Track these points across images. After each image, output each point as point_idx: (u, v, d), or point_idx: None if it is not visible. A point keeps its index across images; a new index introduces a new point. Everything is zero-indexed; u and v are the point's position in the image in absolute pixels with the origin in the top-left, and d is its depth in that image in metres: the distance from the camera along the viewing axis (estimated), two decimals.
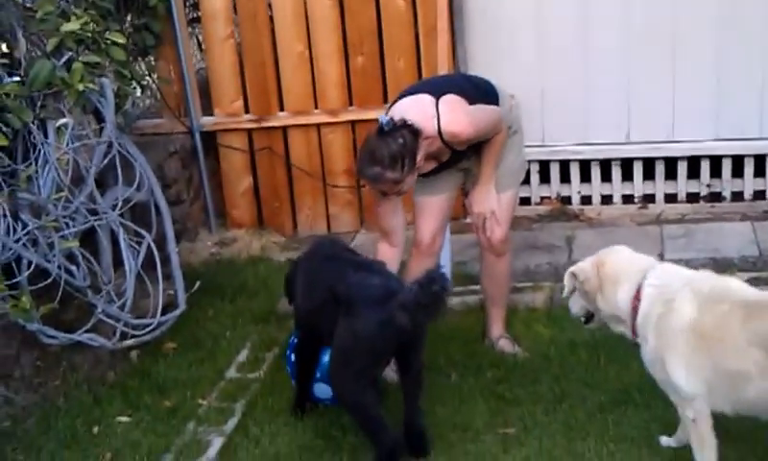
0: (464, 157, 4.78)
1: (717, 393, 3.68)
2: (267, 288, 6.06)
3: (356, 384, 4.04)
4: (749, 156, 6.62)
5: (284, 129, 6.85)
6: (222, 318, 5.73)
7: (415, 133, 4.40)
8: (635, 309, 3.87)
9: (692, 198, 6.79)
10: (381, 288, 4.04)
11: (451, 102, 4.62)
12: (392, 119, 4.36)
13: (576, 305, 4.20)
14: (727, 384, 3.64)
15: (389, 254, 4.75)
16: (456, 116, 4.57)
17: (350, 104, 6.74)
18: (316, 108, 6.77)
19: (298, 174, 6.93)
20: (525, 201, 6.97)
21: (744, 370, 3.57)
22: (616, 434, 4.26)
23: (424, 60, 6.51)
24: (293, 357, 4.63)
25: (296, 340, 4.63)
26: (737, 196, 6.74)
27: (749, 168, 6.66)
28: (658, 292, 3.83)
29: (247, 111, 6.87)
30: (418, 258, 4.90)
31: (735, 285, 3.81)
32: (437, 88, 4.69)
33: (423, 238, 4.91)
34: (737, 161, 6.67)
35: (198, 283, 5.70)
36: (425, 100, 4.62)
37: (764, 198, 6.70)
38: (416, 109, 4.54)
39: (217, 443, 4.48)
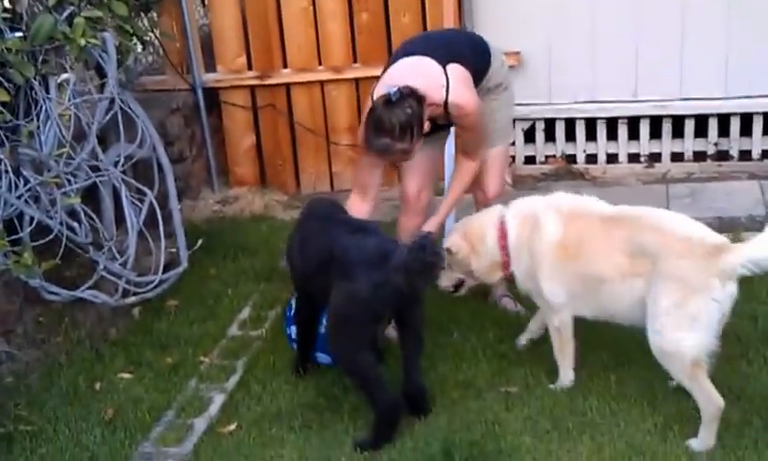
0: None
1: (580, 299, 4.24)
2: (269, 247, 6.09)
3: (353, 346, 4.06)
4: (758, 113, 6.62)
5: (287, 86, 6.85)
6: (224, 276, 5.76)
7: (420, 99, 4.39)
8: (503, 247, 4.41)
9: (699, 157, 6.80)
10: (377, 250, 4.05)
11: (461, 75, 4.63)
12: (399, 90, 4.36)
13: (445, 279, 4.57)
14: (589, 290, 4.19)
15: (360, 209, 4.78)
16: (465, 92, 4.61)
17: (355, 61, 6.74)
18: (320, 64, 6.77)
19: (301, 131, 6.93)
20: (530, 159, 6.99)
21: (606, 275, 4.09)
22: (618, 393, 4.29)
23: (429, 15, 6.50)
24: (293, 329, 4.70)
25: (293, 308, 4.68)
26: (745, 155, 6.74)
27: (757, 126, 6.67)
28: (520, 219, 4.40)
29: (250, 68, 6.87)
30: (406, 214, 4.97)
31: (592, 202, 4.35)
32: (441, 54, 4.67)
33: (409, 193, 4.93)
34: (746, 120, 6.66)
35: (200, 241, 5.72)
36: (433, 67, 4.61)
37: None
38: (423, 76, 4.53)
39: (218, 400, 4.52)
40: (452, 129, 4.99)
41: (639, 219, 4.13)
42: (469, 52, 4.80)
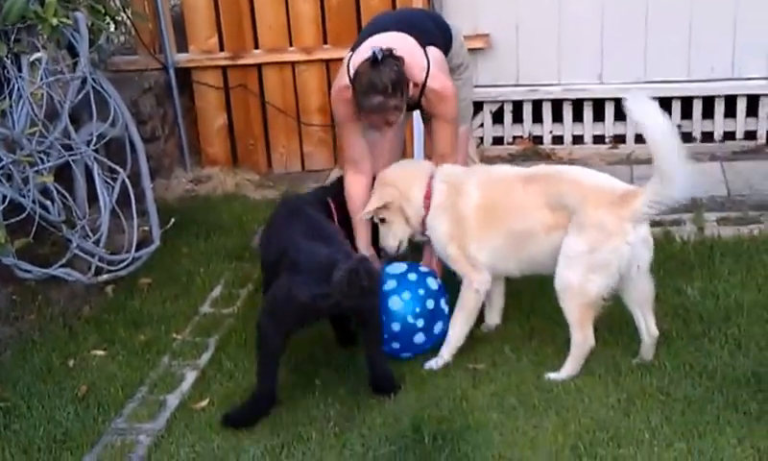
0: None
1: (508, 257, 4.42)
2: (241, 225, 6.07)
3: (275, 330, 4.08)
4: (719, 97, 6.66)
5: (259, 66, 6.81)
6: (196, 254, 5.73)
7: (403, 63, 4.39)
8: (427, 207, 4.51)
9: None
10: (326, 262, 4.00)
11: (440, 59, 4.64)
12: (382, 50, 4.33)
13: (388, 238, 4.61)
14: (517, 246, 4.37)
15: (360, 185, 4.73)
16: (443, 77, 4.61)
17: (325, 42, 6.70)
18: (290, 45, 6.73)
19: (272, 112, 6.90)
20: (498, 140, 7.00)
21: (530, 229, 4.30)
22: (584, 369, 4.30)
23: None
24: None
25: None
26: (707, 137, 6.78)
27: (719, 109, 6.70)
28: (447, 184, 4.51)
29: (221, 49, 6.82)
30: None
31: (509, 168, 4.69)
32: (417, 34, 4.64)
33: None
34: (708, 102, 6.69)
35: (172, 220, 5.68)
36: (415, 47, 4.58)
37: (734, 139, 6.75)
38: (406, 53, 4.48)
39: (191, 376, 4.50)
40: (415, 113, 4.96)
41: (557, 175, 4.43)
42: (438, 32, 4.79)
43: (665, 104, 6.64)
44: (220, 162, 7.01)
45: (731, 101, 6.67)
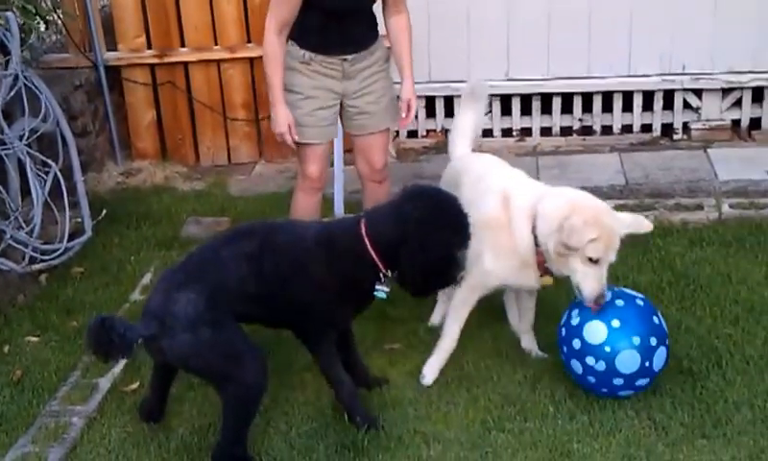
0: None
1: None
2: (170, 216, 6.00)
3: None
4: (617, 92, 6.75)
5: (185, 64, 6.73)
6: (127, 244, 5.64)
7: None
8: None
9: (566, 131, 6.91)
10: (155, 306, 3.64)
11: None
12: None
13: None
14: None
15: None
16: None
17: (249, 41, 6.65)
18: (216, 44, 6.66)
19: (199, 107, 6.82)
20: (412, 134, 7.00)
21: None
22: (493, 349, 4.34)
23: None
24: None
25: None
26: (607, 130, 6.88)
27: (617, 103, 6.80)
28: None
29: (149, 47, 6.71)
30: (306, 193, 4.76)
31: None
32: None
33: (314, 175, 4.69)
34: (607, 97, 6.79)
35: (104, 211, 5.61)
36: None
37: (631, 131, 6.85)
38: None
39: (121, 361, 4.41)
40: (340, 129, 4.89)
41: None
42: None
43: (567, 99, 6.77)
44: (149, 156, 6.91)
45: (628, 96, 6.77)
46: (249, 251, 3.67)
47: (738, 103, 6.70)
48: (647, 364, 3.78)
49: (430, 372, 4.15)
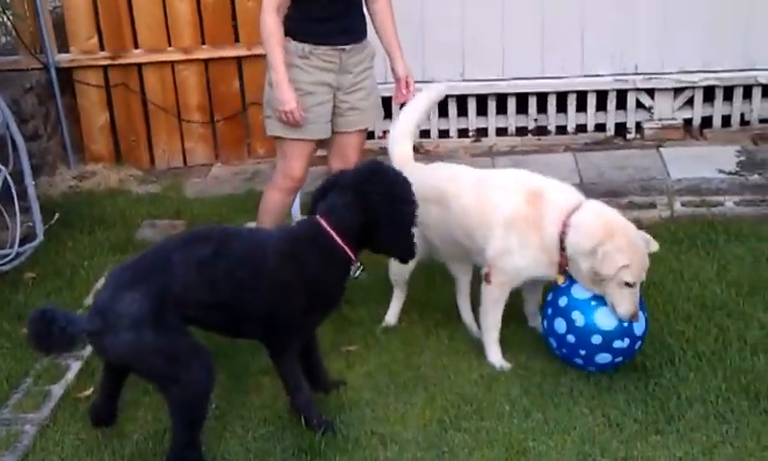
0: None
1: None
2: (125, 219, 5.95)
3: None
4: (572, 92, 6.81)
5: (139, 66, 6.68)
6: (80, 248, 5.58)
7: None
8: None
9: (521, 131, 6.95)
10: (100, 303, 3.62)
11: None
12: None
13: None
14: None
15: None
16: None
17: (203, 42, 6.62)
18: (169, 45, 6.62)
19: (153, 109, 6.78)
20: (370, 135, 6.96)
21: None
22: (449, 348, 4.36)
23: None
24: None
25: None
26: (561, 129, 6.93)
27: (571, 104, 6.85)
28: None
29: (102, 49, 6.66)
30: (283, 192, 4.80)
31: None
32: None
33: (297, 175, 4.75)
34: (561, 98, 6.84)
35: (56, 215, 5.57)
36: None
37: (585, 131, 6.92)
38: None
39: (75, 367, 4.38)
40: None
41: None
42: None
43: (522, 99, 6.81)
44: (103, 159, 6.85)
45: (582, 97, 6.83)
46: (201, 257, 3.63)
47: (690, 102, 6.79)
48: (625, 323, 3.93)
49: (497, 359, 4.21)
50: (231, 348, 4.34)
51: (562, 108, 6.88)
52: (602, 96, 6.82)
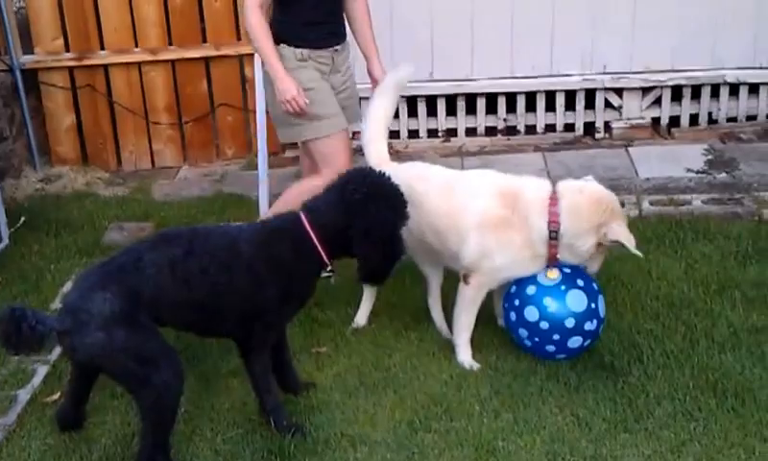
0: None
1: None
2: (92, 222, 5.93)
3: None
4: (540, 92, 6.85)
5: (105, 67, 6.65)
6: (47, 252, 5.55)
7: None
8: None
9: (490, 131, 6.99)
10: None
11: None
12: None
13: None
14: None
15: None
16: None
17: (170, 43, 6.60)
18: (136, 46, 6.60)
19: (120, 111, 6.75)
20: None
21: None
22: (419, 350, 4.38)
23: (240, 0, 6.43)
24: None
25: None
26: (530, 129, 6.97)
27: (540, 104, 6.90)
28: None
29: (67, 50, 6.62)
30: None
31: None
32: None
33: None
34: (530, 97, 6.88)
35: (22, 219, 5.53)
36: None
37: (554, 131, 6.96)
38: None
39: (42, 371, 4.35)
40: None
41: None
42: None
43: (491, 99, 6.85)
44: (70, 161, 6.82)
45: (551, 96, 6.87)
46: (173, 257, 3.64)
47: (658, 101, 6.85)
48: (593, 305, 4.07)
49: (467, 359, 4.24)
50: (201, 350, 4.35)
51: (531, 107, 6.92)
52: (571, 96, 6.87)
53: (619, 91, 6.83)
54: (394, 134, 6.94)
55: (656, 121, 6.89)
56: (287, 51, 4.59)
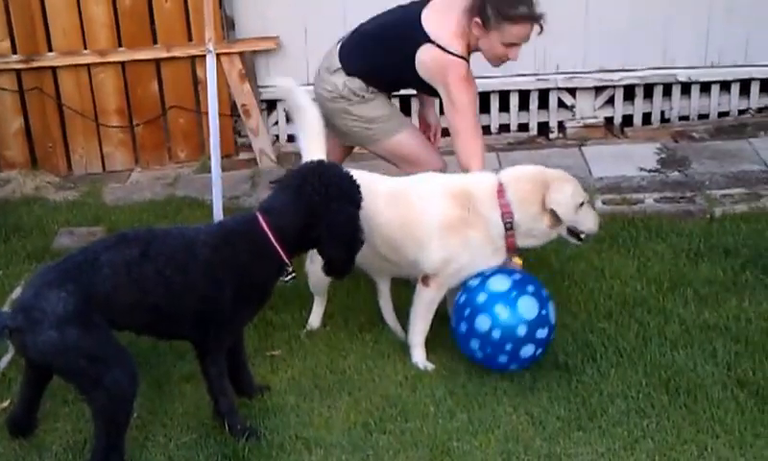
0: None
1: None
2: (41, 227, 5.88)
3: None
4: (494, 92, 6.90)
5: (54, 69, 6.59)
6: None
7: None
8: None
9: (444, 132, 6.96)
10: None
11: None
12: None
13: None
14: None
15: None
16: None
17: (120, 45, 6.57)
18: (85, 48, 6.55)
19: (70, 114, 6.70)
20: (292, 138, 7.00)
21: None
22: (374, 351, 4.40)
23: (191, 1, 6.43)
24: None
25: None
26: (485, 130, 6.96)
27: (494, 103, 6.96)
28: None
29: (14, 52, 6.56)
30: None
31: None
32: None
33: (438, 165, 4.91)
34: (484, 98, 6.92)
35: None
36: None
37: (509, 131, 7.03)
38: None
39: None
40: None
41: None
42: None
43: None
44: (18, 165, 6.75)
45: (504, 96, 6.94)
46: (130, 257, 3.63)
47: (611, 101, 6.94)
48: (543, 312, 4.05)
49: (421, 360, 4.27)
50: (153, 356, 4.34)
51: (485, 108, 6.96)
52: (524, 96, 6.93)
53: (572, 91, 6.91)
54: None
55: (609, 121, 6.98)
56: (362, 84, 4.78)
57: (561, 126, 6.97)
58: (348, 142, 5.06)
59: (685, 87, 6.94)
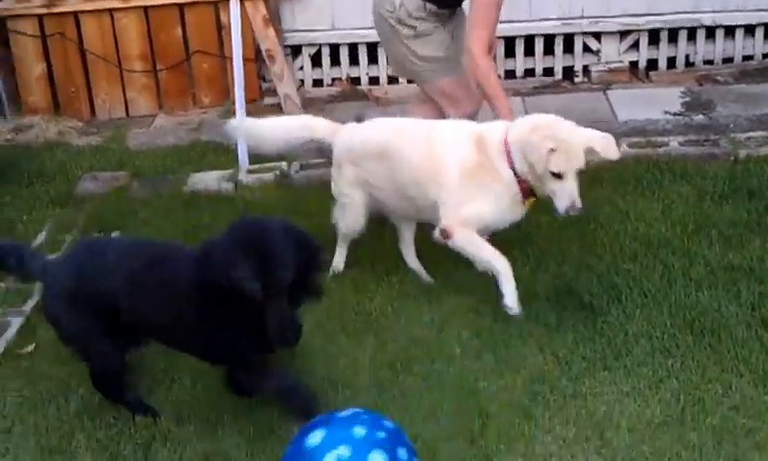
0: None
1: None
2: (64, 172, 5.92)
3: None
4: (519, 37, 6.87)
5: (76, 14, 6.59)
6: (19, 203, 5.54)
7: None
8: None
9: None
10: None
11: None
12: None
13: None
14: None
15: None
16: None
17: None
18: None
19: (92, 59, 6.71)
20: (318, 82, 7.02)
21: None
22: (400, 293, 4.41)
23: None
24: None
25: None
26: (510, 74, 7.00)
27: (519, 48, 6.92)
28: None
29: None
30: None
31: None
32: None
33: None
34: (509, 42, 6.89)
35: None
36: None
37: (533, 75, 7.00)
38: None
39: (16, 323, 4.36)
40: None
41: None
42: None
43: None
44: (41, 110, 6.79)
45: (530, 41, 6.89)
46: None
47: (636, 45, 6.89)
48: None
49: (512, 301, 4.14)
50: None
51: (510, 52, 6.93)
52: (549, 40, 6.89)
53: (597, 35, 6.86)
54: (374, 81, 6.98)
55: (634, 64, 6.94)
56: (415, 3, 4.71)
57: (586, 70, 6.94)
58: (399, 72, 5.36)
59: (710, 31, 6.88)
